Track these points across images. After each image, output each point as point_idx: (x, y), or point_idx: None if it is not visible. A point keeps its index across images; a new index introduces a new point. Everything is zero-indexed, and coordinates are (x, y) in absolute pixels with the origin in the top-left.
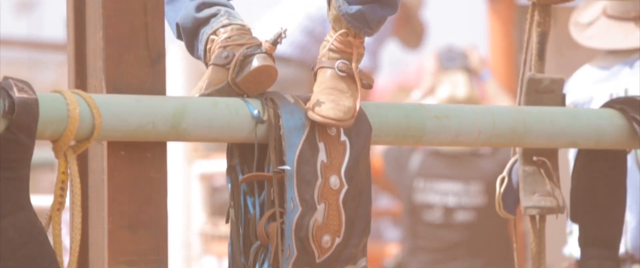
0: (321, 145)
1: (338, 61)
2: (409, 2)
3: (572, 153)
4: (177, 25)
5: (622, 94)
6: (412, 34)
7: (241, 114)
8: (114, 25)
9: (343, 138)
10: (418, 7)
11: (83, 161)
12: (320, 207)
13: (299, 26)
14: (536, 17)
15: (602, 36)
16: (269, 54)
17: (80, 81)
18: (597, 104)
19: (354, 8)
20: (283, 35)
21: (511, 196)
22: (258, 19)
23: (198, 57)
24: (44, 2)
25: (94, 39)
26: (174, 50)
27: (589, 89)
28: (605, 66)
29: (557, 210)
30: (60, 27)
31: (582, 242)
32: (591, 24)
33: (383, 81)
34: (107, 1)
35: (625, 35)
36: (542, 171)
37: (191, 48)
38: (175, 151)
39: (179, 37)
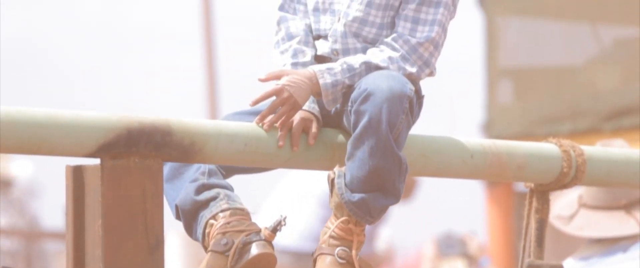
0: None
1: (338, 248)
2: None
3: None
4: (176, 206)
5: None
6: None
7: None
8: (113, 213)
9: None
10: None
11: None
12: None
13: (317, 217)
14: (534, 204)
15: (593, 225)
16: (268, 241)
17: None
18: None
19: (357, 196)
20: (283, 222)
21: None
22: (263, 199)
23: (196, 239)
24: (43, 191)
25: (93, 228)
26: (173, 236)
27: None
28: (586, 256)
29: None
30: (59, 215)
31: None
32: (573, 216)
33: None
34: (107, 188)
35: (620, 223)
36: None
37: (190, 230)
38: None
39: (178, 218)
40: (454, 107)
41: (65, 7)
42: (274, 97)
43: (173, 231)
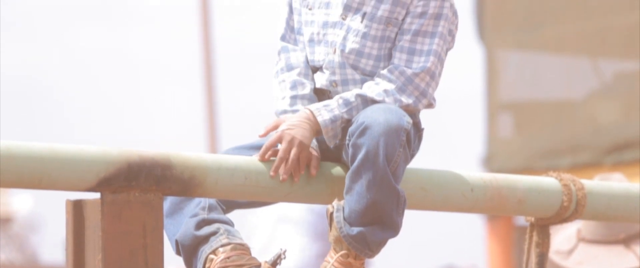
0: None
1: None
2: None
3: None
4: (177, 241)
5: None
6: None
7: None
8: (114, 248)
9: None
10: None
11: None
12: None
13: (308, 249)
14: (535, 238)
15: (592, 259)
16: None
17: None
18: None
19: (356, 230)
20: (283, 256)
21: None
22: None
23: None
24: (43, 225)
25: (93, 262)
26: None
27: None
28: None
29: None
30: (59, 250)
31: None
32: (572, 250)
33: None
34: (107, 223)
35: (619, 257)
36: None
37: (190, 265)
38: None
39: (178, 253)
40: (454, 140)
41: (65, 43)
42: (273, 133)
43: (173, 266)
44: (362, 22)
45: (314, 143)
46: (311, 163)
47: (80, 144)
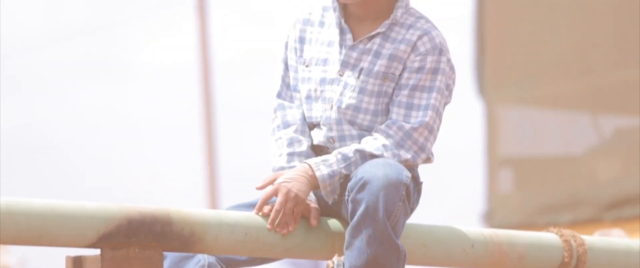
0: None
1: None
2: None
3: None
4: None
5: None
6: None
7: None
8: None
9: None
10: None
11: None
12: None
13: None
14: None
15: None
16: None
17: None
18: None
19: None
20: None
21: None
22: None
23: None
24: None
25: None
26: None
27: None
28: None
29: None
30: None
31: None
32: None
33: None
34: None
35: None
36: None
37: None
38: None
39: None
40: (454, 196)
41: (66, 99)
42: (270, 187)
43: None
44: (358, 77)
45: (313, 197)
46: (311, 214)
47: (81, 201)
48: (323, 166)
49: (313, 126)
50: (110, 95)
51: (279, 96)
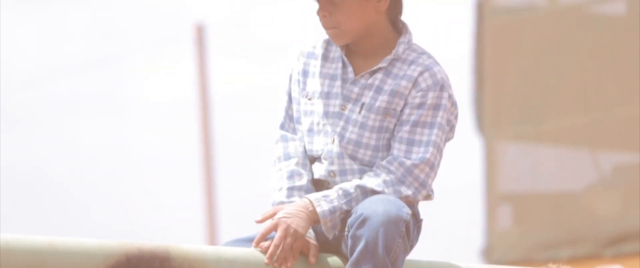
0: None
1: None
2: None
3: None
4: None
5: None
6: None
7: None
8: None
9: None
10: None
11: None
12: None
13: None
14: None
15: None
16: None
17: None
18: None
19: None
20: None
21: None
22: None
23: None
24: None
25: None
26: None
27: None
28: None
29: None
30: None
31: None
32: None
33: None
34: None
35: None
36: None
37: None
38: None
39: None
40: (453, 232)
41: (64, 133)
42: (270, 221)
43: None
44: (360, 112)
45: (312, 233)
46: (310, 252)
47: (80, 238)
48: (324, 201)
49: (314, 159)
50: (109, 130)
51: (281, 127)
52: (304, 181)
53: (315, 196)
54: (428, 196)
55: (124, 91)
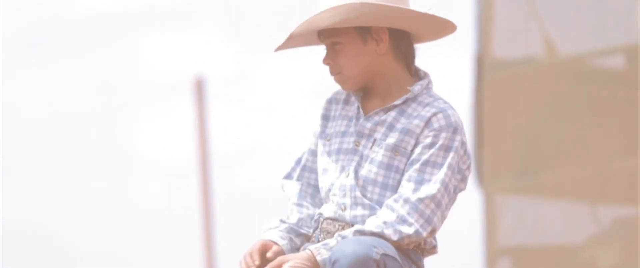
0: None
1: None
2: None
3: None
4: None
5: None
6: None
7: None
8: None
9: None
10: None
11: None
12: None
13: None
14: None
15: None
16: None
17: None
18: None
19: None
20: None
21: None
22: None
23: None
24: None
25: None
26: None
27: None
28: None
29: None
30: None
31: None
32: None
33: None
34: None
35: None
36: None
37: None
38: None
39: None
40: None
41: (65, 191)
42: None
43: None
44: (371, 148)
45: None
46: None
47: None
48: (323, 250)
49: (327, 196)
50: (107, 185)
51: (287, 177)
52: (292, 219)
53: (315, 246)
54: (433, 231)
55: (122, 145)
